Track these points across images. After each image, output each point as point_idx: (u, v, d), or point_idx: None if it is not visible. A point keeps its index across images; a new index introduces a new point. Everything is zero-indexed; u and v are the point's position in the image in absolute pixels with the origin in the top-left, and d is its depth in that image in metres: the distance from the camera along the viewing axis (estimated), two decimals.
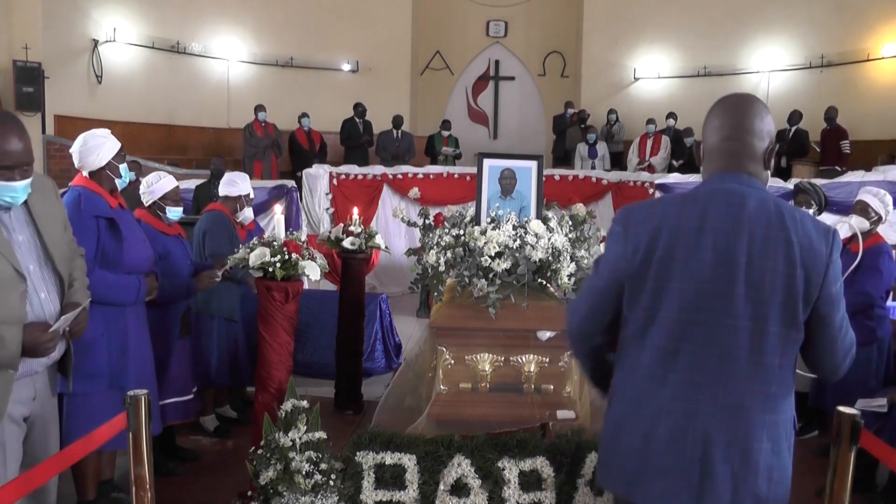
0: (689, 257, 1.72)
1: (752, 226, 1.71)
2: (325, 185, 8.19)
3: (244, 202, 4.45)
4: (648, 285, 1.76)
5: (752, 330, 1.70)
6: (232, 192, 4.40)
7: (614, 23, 12.82)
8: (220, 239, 4.21)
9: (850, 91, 11.37)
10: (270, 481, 2.93)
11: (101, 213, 3.08)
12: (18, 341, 2.22)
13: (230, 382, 4.40)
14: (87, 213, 3.04)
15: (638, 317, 1.79)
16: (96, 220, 3.06)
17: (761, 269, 1.70)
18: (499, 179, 3.66)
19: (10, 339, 2.20)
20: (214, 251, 4.15)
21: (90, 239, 3.03)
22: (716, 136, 1.85)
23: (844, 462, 2.10)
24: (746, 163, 1.80)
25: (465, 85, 14.13)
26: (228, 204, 4.41)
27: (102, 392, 3.06)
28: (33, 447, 2.40)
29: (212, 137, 12.52)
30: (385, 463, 3.09)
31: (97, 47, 10.94)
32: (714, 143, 1.86)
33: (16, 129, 2.25)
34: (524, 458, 3.08)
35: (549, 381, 3.35)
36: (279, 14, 12.69)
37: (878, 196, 3.91)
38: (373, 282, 7.91)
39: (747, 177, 1.79)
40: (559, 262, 3.38)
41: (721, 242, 1.71)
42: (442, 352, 3.37)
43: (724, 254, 1.71)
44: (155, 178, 3.76)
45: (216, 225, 4.27)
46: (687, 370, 1.73)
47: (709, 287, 1.71)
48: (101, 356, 3.06)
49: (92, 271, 2.99)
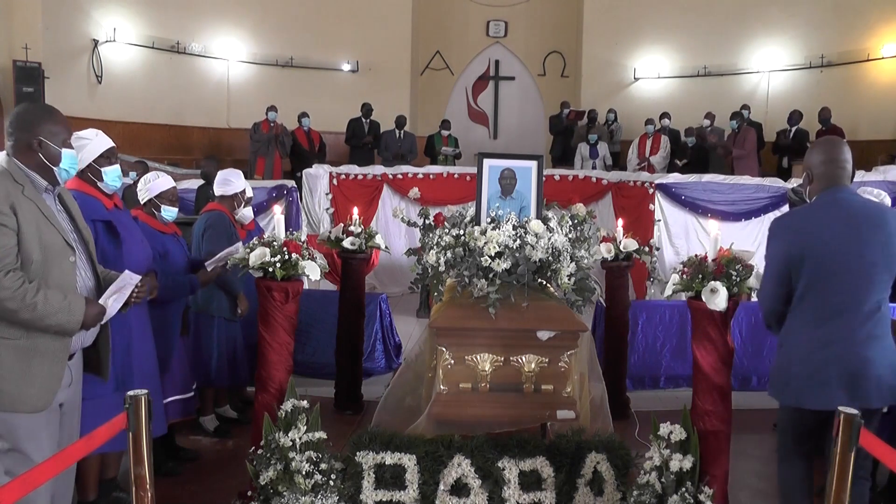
0: (829, 248, 2.64)
1: (862, 220, 2.66)
2: (325, 185, 8.18)
3: (241, 199, 4.43)
4: (805, 270, 2.67)
5: (867, 289, 2.64)
6: (228, 190, 4.39)
7: (614, 23, 12.82)
8: (219, 238, 4.20)
9: (850, 91, 11.37)
10: (270, 481, 2.93)
11: (97, 217, 3.06)
12: (83, 308, 2.44)
13: (230, 382, 4.40)
14: (84, 217, 3.03)
15: (800, 289, 2.71)
16: (93, 224, 3.05)
17: (872, 250, 2.63)
18: (499, 179, 3.66)
19: (76, 306, 2.42)
20: (213, 250, 4.15)
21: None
22: (823, 165, 2.77)
23: (844, 462, 2.10)
24: (846, 180, 2.77)
25: (465, 85, 14.13)
26: (226, 203, 4.40)
27: (110, 395, 3.06)
28: (61, 434, 2.51)
29: (212, 137, 12.52)
30: (385, 463, 3.09)
31: (97, 47, 10.94)
32: (822, 170, 2.77)
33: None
34: (524, 458, 3.09)
35: (549, 381, 3.35)
36: (279, 14, 12.69)
37: (876, 197, 3.92)
38: (373, 282, 7.90)
39: (847, 189, 2.75)
40: (559, 262, 3.38)
41: (851, 235, 2.63)
42: (442, 352, 3.37)
43: (852, 244, 2.63)
44: (153, 176, 3.76)
45: (216, 224, 4.26)
46: (831, 320, 2.66)
47: (841, 264, 2.63)
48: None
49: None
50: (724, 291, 2.85)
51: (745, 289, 2.90)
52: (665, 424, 2.96)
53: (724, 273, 2.88)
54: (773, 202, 7.29)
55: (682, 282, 2.98)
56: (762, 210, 7.29)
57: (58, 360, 2.47)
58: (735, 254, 2.97)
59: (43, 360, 2.42)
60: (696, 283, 2.92)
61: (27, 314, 2.32)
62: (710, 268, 2.92)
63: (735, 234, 6.99)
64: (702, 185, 7.55)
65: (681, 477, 2.86)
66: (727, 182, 7.60)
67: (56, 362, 2.46)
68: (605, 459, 3.09)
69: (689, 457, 2.87)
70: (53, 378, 2.45)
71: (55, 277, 2.42)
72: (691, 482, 2.86)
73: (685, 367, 5.15)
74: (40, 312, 2.33)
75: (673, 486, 2.85)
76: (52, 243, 2.44)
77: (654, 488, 2.88)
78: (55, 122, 2.56)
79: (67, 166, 2.58)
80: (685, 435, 2.92)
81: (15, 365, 2.36)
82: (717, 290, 2.85)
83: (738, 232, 7.16)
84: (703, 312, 2.94)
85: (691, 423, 2.97)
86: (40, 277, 2.38)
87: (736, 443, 3.18)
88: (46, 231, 2.43)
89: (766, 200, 7.35)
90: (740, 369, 5.21)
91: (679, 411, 3.05)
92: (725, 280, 2.87)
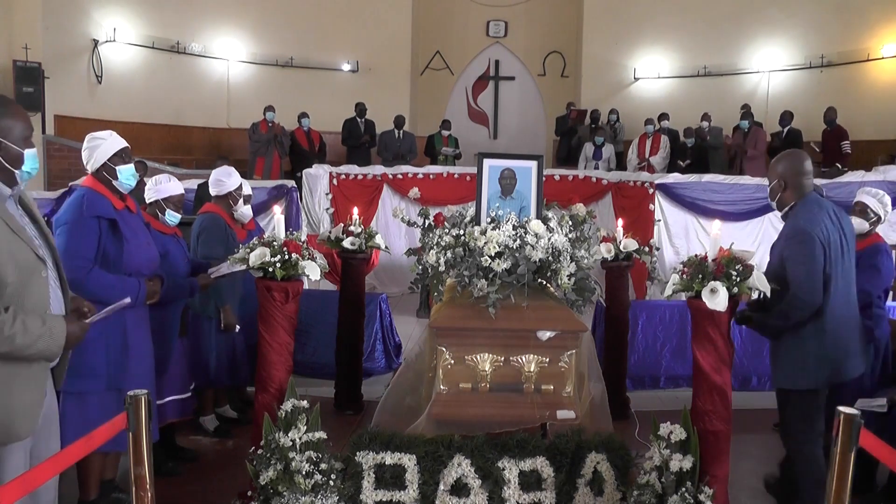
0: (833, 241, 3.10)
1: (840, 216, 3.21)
2: (325, 185, 8.18)
3: (237, 196, 4.40)
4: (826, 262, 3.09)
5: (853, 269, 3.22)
6: (221, 190, 4.37)
7: (614, 23, 12.81)
8: (213, 241, 4.20)
9: (850, 91, 11.37)
10: (270, 481, 2.93)
11: (102, 214, 3.08)
12: (63, 331, 2.28)
13: (229, 383, 4.40)
14: (88, 214, 3.05)
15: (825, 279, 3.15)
16: (98, 221, 3.06)
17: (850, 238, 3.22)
18: (499, 179, 3.66)
19: (57, 329, 2.26)
20: (207, 254, 4.15)
21: (90, 239, 3.03)
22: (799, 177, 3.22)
23: (844, 462, 2.09)
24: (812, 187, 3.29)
25: (465, 85, 14.13)
26: (221, 203, 4.38)
27: (100, 392, 3.06)
28: (38, 444, 2.40)
29: (212, 137, 12.52)
30: (385, 463, 3.09)
31: (97, 47, 10.94)
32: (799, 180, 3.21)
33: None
34: (524, 458, 3.09)
35: (549, 381, 3.35)
36: (279, 14, 12.68)
37: (876, 197, 3.91)
38: (373, 282, 7.91)
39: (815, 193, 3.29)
40: (559, 262, 3.38)
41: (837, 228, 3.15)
42: (442, 352, 3.37)
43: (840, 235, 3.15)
44: (164, 178, 3.80)
45: (209, 228, 4.26)
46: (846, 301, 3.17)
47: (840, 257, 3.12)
48: (100, 356, 3.06)
49: (90, 270, 3.00)
50: (724, 291, 2.85)
51: (745, 289, 2.90)
52: (665, 424, 2.96)
53: (724, 273, 2.89)
54: None
55: (682, 282, 2.98)
56: (762, 210, 7.28)
57: (38, 385, 2.33)
58: (735, 254, 2.97)
59: (24, 388, 2.26)
60: (696, 283, 2.92)
61: (6, 347, 2.14)
62: (710, 268, 2.92)
63: (735, 234, 6.99)
64: (702, 185, 7.54)
65: (681, 477, 2.86)
66: (727, 182, 7.59)
67: (37, 387, 2.32)
68: (605, 459, 3.09)
69: (689, 457, 2.88)
70: (35, 404, 2.31)
71: (30, 299, 2.26)
72: (691, 482, 2.86)
73: (685, 367, 5.15)
74: (19, 344, 2.16)
75: (673, 486, 2.85)
76: (25, 261, 2.25)
77: (654, 488, 2.88)
78: (14, 117, 2.31)
79: (30, 168, 2.34)
80: (685, 435, 2.92)
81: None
82: (717, 290, 2.85)
83: (738, 232, 7.16)
84: (703, 312, 2.93)
85: (691, 423, 2.97)
86: (16, 302, 2.20)
87: (736, 443, 3.18)
88: (17, 247, 2.23)
89: (765, 200, 7.24)
90: (740, 369, 5.21)
91: (679, 411, 3.06)
92: (725, 280, 2.87)
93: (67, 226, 3.04)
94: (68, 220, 3.05)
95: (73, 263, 2.91)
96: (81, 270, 2.97)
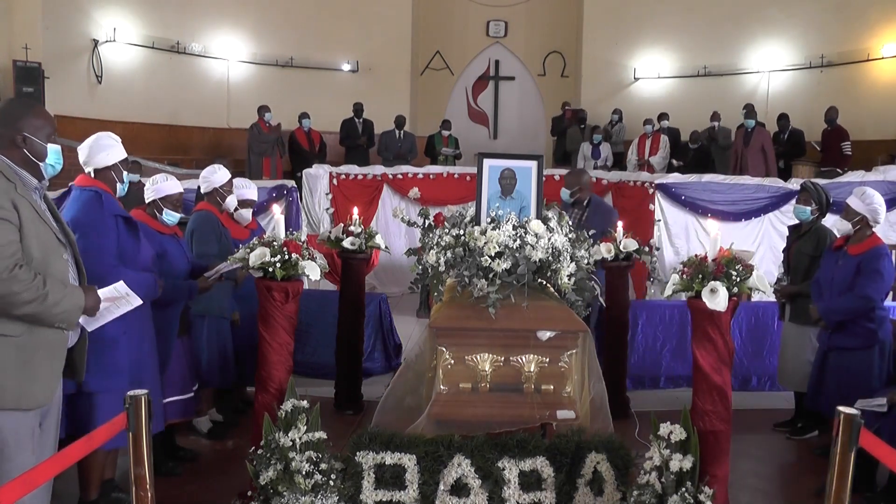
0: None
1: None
2: (325, 185, 8.18)
3: (224, 193, 4.39)
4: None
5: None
6: (208, 187, 4.37)
7: (614, 23, 12.82)
8: (206, 239, 4.21)
9: (850, 91, 11.36)
10: (270, 481, 2.93)
11: (119, 212, 3.13)
12: (82, 295, 2.49)
13: (219, 383, 4.35)
14: (108, 212, 3.08)
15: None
16: (115, 219, 3.10)
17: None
18: (499, 179, 3.66)
19: (78, 295, 2.47)
20: (201, 252, 4.15)
21: (110, 237, 3.07)
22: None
23: (844, 462, 2.10)
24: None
25: (465, 85, 14.13)
26: (211, 200, 4.39)
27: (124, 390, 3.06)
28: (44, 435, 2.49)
29: (212, 137, 12.52)
30: (385, 463, 3.09)
31: (97, 47, 10.94)
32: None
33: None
34: (524, 458, 3.08)
35: (549, 381, 3.34)
36: (279, 14, 12.68)
37: (858, 196, 3.85)
38: (373, 282, 7.90)
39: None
40: (559, 262, 3.38)
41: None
42: (442, 352, 3.36)
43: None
44: (162, 178, 3.79)
45: (201, 226, 4.26)
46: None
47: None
48: (123, 354, 3.10)
49: (115, 267, 3.01)
50: (724, 291, 2.85)
51: (745, 289, 2.90)
52: (665, 424, 2.96)
53: (724, 273, 2.88)
54: (773, 202, 7.30)
55: (682, 282, 2.98)
56: (762, 210, 7.29)
57: (58, 356, 2.49)
58: (735, 254, 2.97)
59: (44, 356, 2.43)
60: (696, 283, 2.92)
61: (39, 305, 2.33)
62: (710, 268, 2.91)
63: (735, 234, 6.99)
64: (702, 185, 7.54)
65: (681, 477, 2.86)
66: (727, 182, 7.59)
67: (57, 358, 2.49)
68: (605, 459, 3.09)
69: (689, 457, 2.87)
70: (54, 373, 2.48)
71: (53, 273, 2.44)
72: (691, 482, 2.86)
73: (685, 367, 5.15)
74: (50, 302, 2.35)
75: (673, 486, 2.85)
76: (48, 241, 2.45)
77: (654, 488, 2.88)
78: (39, 116, 2.56)
79: (53, 161, 2.58)
80: (685, 435, 2.92)
81: (18, 362, 2.36)
82: (717, 290, 2.85)
83: (738, 232, 7.15)
84: (703, 312, 2.93)
85: (691, 423, 2.97)
86: (41, 273, 2.39)
87: (736, 443, 3.19)
88: (41, 229, 2.44)
89: (766, 200, 7.35)
90: (740, 369, 5.21)
91: (679, 411, 3.05)
92: (725, 280, 2.87)
93: (90, 226, 3.04)
94: (89, 220, 3.05)
95: (102, 261, 2.95)
96: (110, 268, 2.99)
